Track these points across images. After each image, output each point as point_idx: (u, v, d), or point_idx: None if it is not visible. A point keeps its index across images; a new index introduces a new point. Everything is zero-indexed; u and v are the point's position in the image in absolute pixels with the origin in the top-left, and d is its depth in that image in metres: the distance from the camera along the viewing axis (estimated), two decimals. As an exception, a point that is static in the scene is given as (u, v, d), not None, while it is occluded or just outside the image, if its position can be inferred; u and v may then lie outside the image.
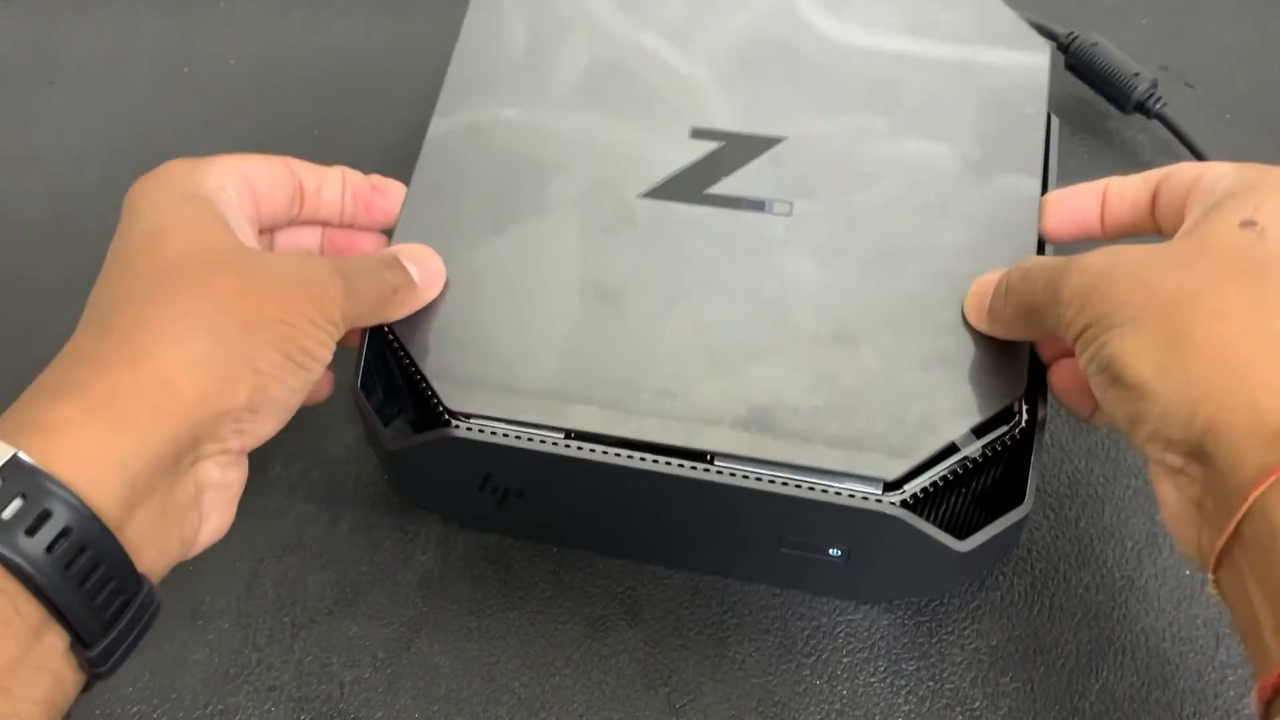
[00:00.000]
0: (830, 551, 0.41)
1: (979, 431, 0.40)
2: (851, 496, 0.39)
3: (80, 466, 0.31)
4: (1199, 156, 0.57)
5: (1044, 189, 0.45)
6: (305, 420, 0.51)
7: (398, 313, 0.42)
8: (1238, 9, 0.66)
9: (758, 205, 0.44)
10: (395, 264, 0.42)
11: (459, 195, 0.45)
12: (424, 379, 0.42)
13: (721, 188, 0.45)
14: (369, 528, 0.48)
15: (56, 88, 0.65)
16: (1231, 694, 0.43)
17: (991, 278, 0.41)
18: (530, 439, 0.40)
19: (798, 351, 0.41)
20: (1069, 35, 0.60)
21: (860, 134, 0.46)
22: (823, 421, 0.39)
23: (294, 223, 0.44)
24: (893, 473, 0.39)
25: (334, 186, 0.44)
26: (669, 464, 0.39)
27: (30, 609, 0.31)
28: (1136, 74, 0.58)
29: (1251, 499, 0.30)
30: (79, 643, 0.32)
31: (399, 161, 0.47)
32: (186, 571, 0.47)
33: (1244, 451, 0.30)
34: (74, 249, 0.58)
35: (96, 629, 0.32)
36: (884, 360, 0.41)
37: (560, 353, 0.41)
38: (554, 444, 0.40)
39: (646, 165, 0.46)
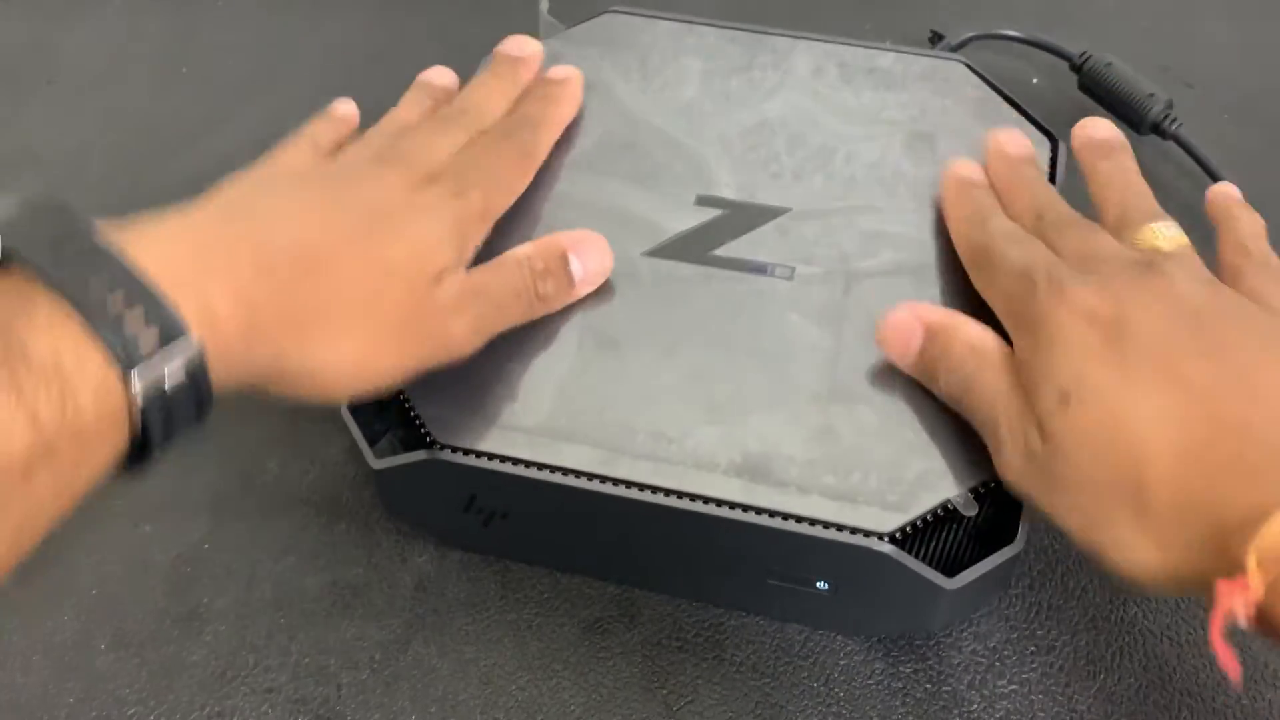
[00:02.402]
0: (817, 585, 0.41)
1: (975, 489, 0.40)
2: (839, 530, 0.39)
3: (227, 374, 0.34)
4: (1215, 179, 0.56)
5: None
6: (303, 422, 0.51)
7: (542, 313, 0.44)
8: (1238, 9, 0.66)
9: (760, 269, 0.45)
10: (555, 270, 0.43)
11: None
12: (412, 406, 0.42)
13: (725, 251, 0.46)
14: (366, 529, 0.48)
15: (56, 88, 0.65)
16: (1230, 695, 0.43)
17: (904, 320, 0.41)
18: (516, 463, 0.41)
19: (796, 406, 0.41)
20: (1082, 55, 0.59)
21: (863, 211, 0.47)
22: (818, 473, 0.40)
23: None
24: (887, 526, 0.39)
25: None
26: (654, 493, 0.40)
27: (121, 459, 0.32)
28: (1151, 95, 0.57)
29: None
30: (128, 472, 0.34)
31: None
32: (184, 573, 0.47)
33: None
34: (73, 249, 0.58)
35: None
36: (882, 419, 0.41)
37: (554, 392, 0.42)
38: (539, 469, 0.40)
39: (651, 227, 0.46)
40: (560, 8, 0.57)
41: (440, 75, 0.51)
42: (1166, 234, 0.40)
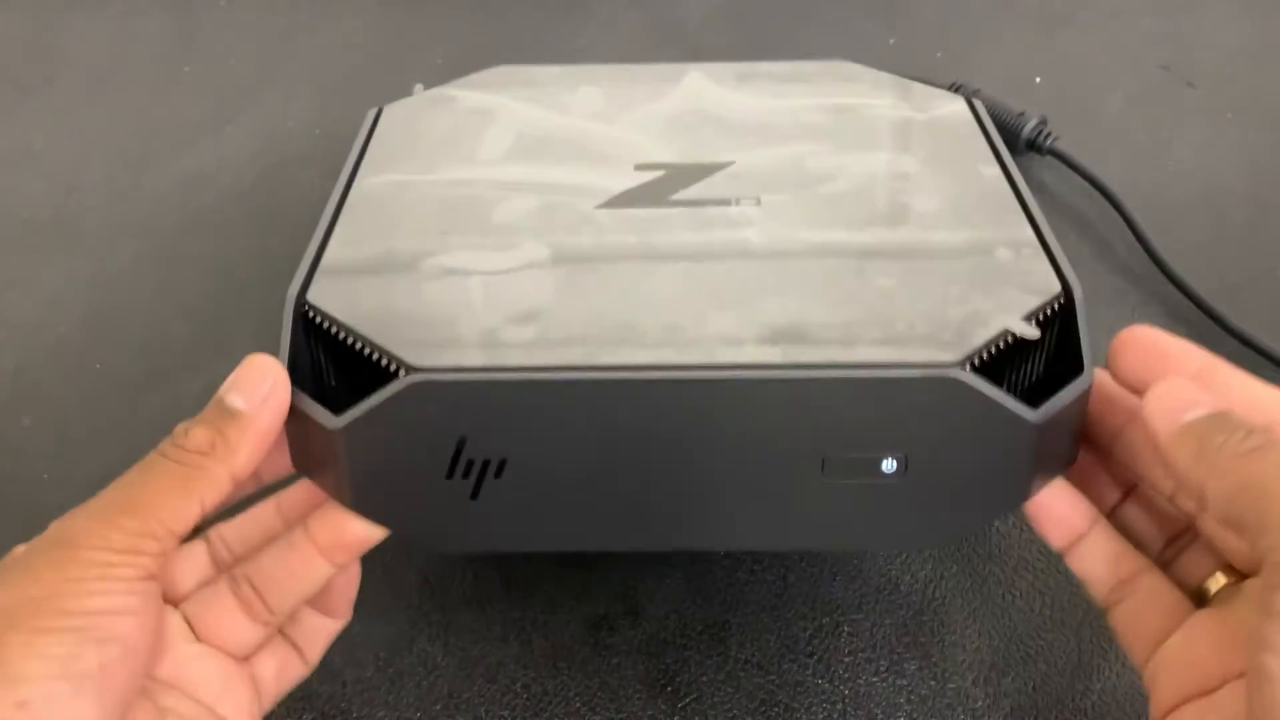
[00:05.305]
0: (883, 467, 0.36)
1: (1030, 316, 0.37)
2: (900, 369, 0.34)
3: None
4: (1097, 186, 0.58)
5: (1005, 171, 0.45)
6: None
7: (215, 493, 0.34)
8: (1238, 9, 0.66)
9: (724, 201, 0.43)
10: (208, 416, 0.34)
11: (395, 227, 0.42)
12: (374, 347, 0.36)
13: (683, 195, 0.44)
14: (370, 527, 0.48)
15: (56, 87, 0.65)
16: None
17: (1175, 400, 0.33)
18: (515, 371, 0.34)
19: (811, 285, 0.38)
20: (952, 86, 0.61)
21: (805, 155, 0.47)
22: (859, 329, 0.36)
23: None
24: (953, 356, 0.35)
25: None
26: (683, 371, 0.34)
27: None
28: (1021, 114, 0.60)
29: None
30: None
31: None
32: (187, 571, 0.47)
33: None
34: (74, 249, 0.58)
35: None
36: (906, 282, 0.38)
37: (546, 308, 0.37)
38: (542, 372, 0.34)
39: (598, 190, 0.44)
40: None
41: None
42: None
